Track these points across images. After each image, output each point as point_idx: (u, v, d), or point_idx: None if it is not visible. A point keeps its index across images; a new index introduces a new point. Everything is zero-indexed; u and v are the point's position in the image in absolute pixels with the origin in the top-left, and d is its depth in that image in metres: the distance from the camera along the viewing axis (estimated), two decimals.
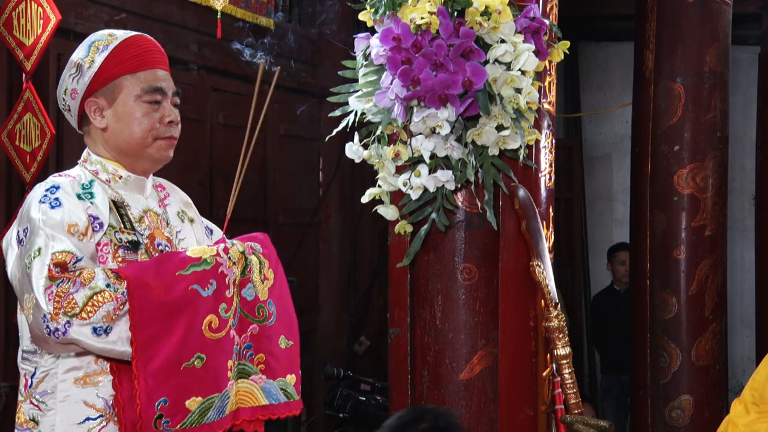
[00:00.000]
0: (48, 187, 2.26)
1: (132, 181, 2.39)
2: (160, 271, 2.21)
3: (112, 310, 2.14)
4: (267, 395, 2.37)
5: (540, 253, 2.59)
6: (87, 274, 2.14)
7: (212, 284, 2.25)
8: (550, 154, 2.77)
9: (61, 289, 2.12)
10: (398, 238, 2.68)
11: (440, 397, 2.63)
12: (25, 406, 2.30)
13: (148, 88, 2.35)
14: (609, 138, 7.95)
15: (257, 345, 2.36)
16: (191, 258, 2.25)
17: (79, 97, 2.34)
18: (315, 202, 6.14)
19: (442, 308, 2.65)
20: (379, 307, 6.19)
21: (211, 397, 2.25)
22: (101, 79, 2.33)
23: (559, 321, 2.58)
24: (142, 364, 2.17)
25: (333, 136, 2.71)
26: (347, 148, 2.63)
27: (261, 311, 2.37)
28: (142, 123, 2.35)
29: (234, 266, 2.31)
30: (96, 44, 2.34)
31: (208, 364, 2.24)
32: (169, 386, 2.20)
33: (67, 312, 2.11)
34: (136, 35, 2.40)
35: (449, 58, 2.44)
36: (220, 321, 2.26)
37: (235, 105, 5.48)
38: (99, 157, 2.38)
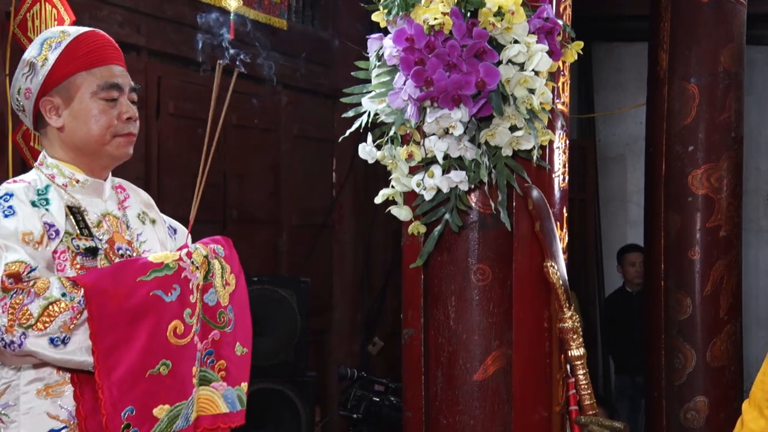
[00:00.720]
0: (1, 195, 2.21)
1: (90, 185, 2.35)
2: (120, 278, 2.17)
3: (69, 319, 2.10)
4: (228, 403, 2.33)
5: (554, 253, 2.59)
6: (41, 284, 2.10)
7: (176, 289, 2.21)
8: (564, 155, 2.77)
9: (15, 300, 2.07)
10: (411, 238, 2.68)
11: (454, 398, 2.63)
12: None
13: (104, 84, 2.31)
14: (623, 138, 7.93)
15: (218, 351, 2.32)
16: (153, 263, 2.21)
17: (33, 96, 2.30)
18: (328, 203, 6.15)
19: (455, 309, 2.65)
20: (392, 308, 6.19)
21: (178, 405, 2.21)
22: (55, 77, 2.28)
23: (573, 322, 2.57)
24: (105, 373, 2.13)
25: (346, 137, 2.71)
26: (360, 149, 2.63)
27: (222, 317, 2.33)
28: (100, 120, 2.31)
29: (197, 271, 2.27)
30: (48, 41, 2.29)
31: (175, 371, 2.20)
32: (135, 394, 2.15)
33: (22, 324, 2.07)
34: (89, 31, 2.35)
35: (462, 58, 2.44)
36: (185, 327, 2.22)
37: (248, 106, 5.49)
38: (55, 159, 2.33)
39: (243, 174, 5.46)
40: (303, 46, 5.88)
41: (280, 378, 4.58)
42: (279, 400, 4.58)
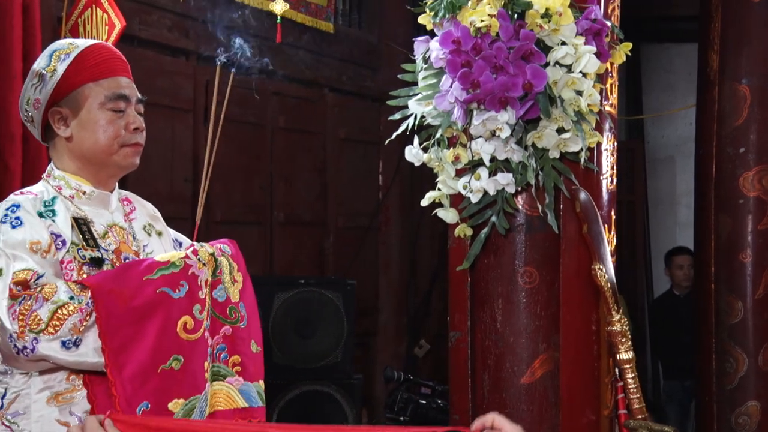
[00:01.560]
0: (8, 206, 2.25)
1: (96, 196, 2.37)
2: (126, 277, 2.19)
3: (78, 321, 2.12)
4: (246, 398, 2.33)
5: (602, 256, 2.57)
6: (48, 289, 2.13)
7: (183, 286, 2.23)
8: (612, 157, 2.75)
9: (24, 306, 2.11)
10: (458, 241, 2.67)
11: (501, 401, 2.62)
12: None
13: (112, 95, 2.34)
14: (672, 140, 7.85)
15: (231, 347, 2.33)
16: (159, 262, 2.23)
17: (42, 107, 2.33)
18: (374, 206, 6.15)
19: (502, 312, 2.64)
20: (438, 311, 6.18)
21: (192, 399, 2.23)
22: (64, 88, 2.31)
23: (621, 325, 2.55)
24: (116, 371, 2.15)
25: (393, 140, 2.71)
26: (407, 152, 2.64)
27: (233, 313, 2.34)
28: (107, 130, 2.34)
29: (204, 267, 2.29)
30: (57, 53, 2.33)
31: (186, 366, 2.21)
32: (148, 390, 2.17)
33: (32, 329, 2.10)
34: (97, 44, 2.39)
35: (509, 60, 2.43)
36: (195, 322, 2.24)
37: (295, 109, 5.52)
38: (62, 171, 2.36)
39: (290, 176, 5.49)
40: (349, 49, 5.89)
41: (326, 380, 4.59)
42: (326, 402, 4.60)
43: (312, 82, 5.66)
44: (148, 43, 4.56)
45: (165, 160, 4.59)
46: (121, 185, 4.50)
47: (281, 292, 4.53)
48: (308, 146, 5.66)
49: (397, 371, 4.51)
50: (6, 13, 3.48)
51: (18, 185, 3.50)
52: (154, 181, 4.46)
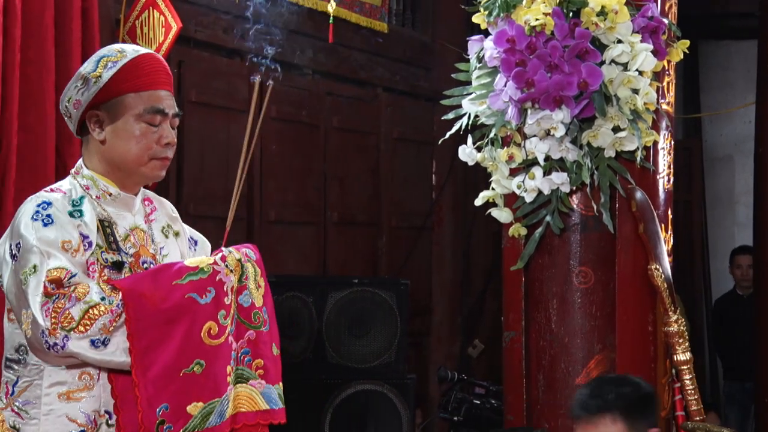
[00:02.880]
0: (39, 203, 2.29)
1: (121, 199, 2.41)
2: (157, 281, 2.25)
3: (108, 322, 2.18)
4: (267, 400, 2.37)
5: (658, 256, 2.54)
6: (82, 289, 2.19)
7: (210, 292, 2.28)
8: (669, 156, 2.72)
9: (57, 305, 2.16)
10: (512, 241, 2.66)
11: (556, 401, 2.61)
12: (6, 413, 2.35)
13: (150, 108, 2.36)
14: (731, 139, 7.73)
15: (254, 350, 2.37)
16: (188, 267, 2.28)
17: (81, 108, 2.36)
18: (428, 205, 6.15)
19: (557, 312, 2.63)
20: (492, 311, 6.15)
21: (212, 402, 2.27)
22: (106, 94, 2.34)
23: (678, 326, 2.52)
24: (141, 372, 2.21)
25: (446, 139, 2.71)
26: (461, 151, 2.63)
27: (257, 317, 2.38)
28: (140, 142, 2.37)
29: (231, 274, 2.33)
30: (105, 60, 2.35)
31: (208, 370, 2.27)
32: (169, 392, 2.23)
33: (64, 327, 2.16)
34: (146, 54, 2.41)
35: (564, 59, 2.42)
36: (219, 327, 2.28)
37: (349, 109, 5.53)
38: (92, 171, 2.39)
39: (343, 176, 5.51)
40: (403, 48, 5.90)
41: (380, 379, 4.60)
42: (379, 402, 4.60)
43: (366, 82, 5.67)
44: (203, 45, 4.60)
45: (220, 161, 4.63)
46: (178, 186, 4.56)
47: (335, 292, 4.54)
48: (362, 146, 5.67)
49: (450, 371, 4.50)
50: (65, 16, 3.54)
51: None
52: (209, 181, 4.50)
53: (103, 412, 2.35)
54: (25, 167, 3.41)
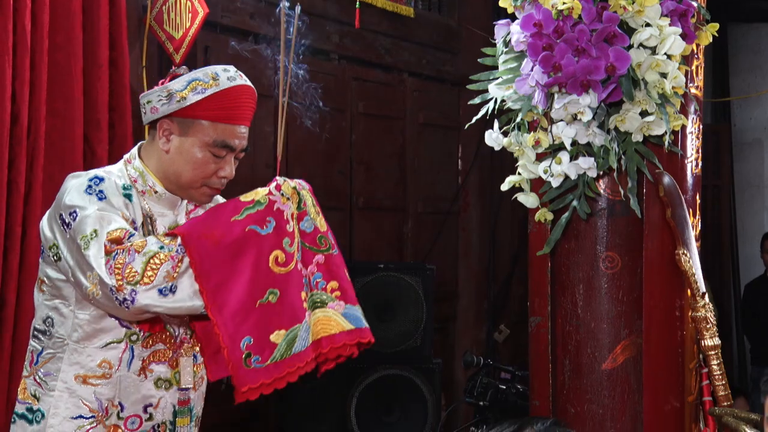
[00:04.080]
0: (91, 178, 2.32)
1: (166, 198, 2.43)
2: (214, 221, 2.24)
3: (171, 269, 2.18)
4: (352, 320, 2.33)
5: (686, 241, 2.53)
6: (139, 242, 2.19)
7: (270, 222, 2.26)
8: (697, 140, 2.70)
9: (118, 261, 2.17)
10: (538, 226, 2.66)
11: (582, 386, 2.60)
12: (29, 381, 2.40)
13: (220, 142, 2.37)
14: (760, 123, 7.67)
15: (327, 273, 2.34)
16: (244, 202, 2.27)
17: (157, 115, 2.38)
18: (454, 190, 6.14)
19: (583, 297, 2.62)
20: (518, 296, 6.15)
21: (293, 329, 2.26)
22: (184, 113, 2.36)
23: (706, 311, 2.51)
24: (217, 311, 2.20)
25: (472, 124, 2.70)
26: (487, 136, 2.63)
27: (323, 241, 2.36)
28: (198, 168, 2.39)
29: (288, 201, 2.31)
30: (196, 83, 2.35)
31: (283, 298, 2.25)
32: (249, 325, 2.22)
33: (129, 281, 2.16)
34: (238, 87, 2.40)
35: (592, 43, 2.40)
36: (287, 255, 2.27)
37: (375, 94, 5.53)
38: (144, 166, 2.41)
39: (369, 162, 5.51)
40: (429, 33, 5.88)
41: (406, 364, 4.61)
42: (405, 387, 4.62)
43: (392, 66, 5.67)
44: (230, 30, 4.62)
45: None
46: None
47: (361, 277, 4.56)
48: (388, 131, 5.67)
49: (476, 356, 4.50)
50: (93, 1, 3.56)
51: None
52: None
53: (117, 402, 2.38)
54: (53, 153, 3.44)
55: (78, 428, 2.34)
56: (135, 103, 3.82)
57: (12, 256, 3.28)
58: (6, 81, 3.22)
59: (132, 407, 2.39)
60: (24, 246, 3.34)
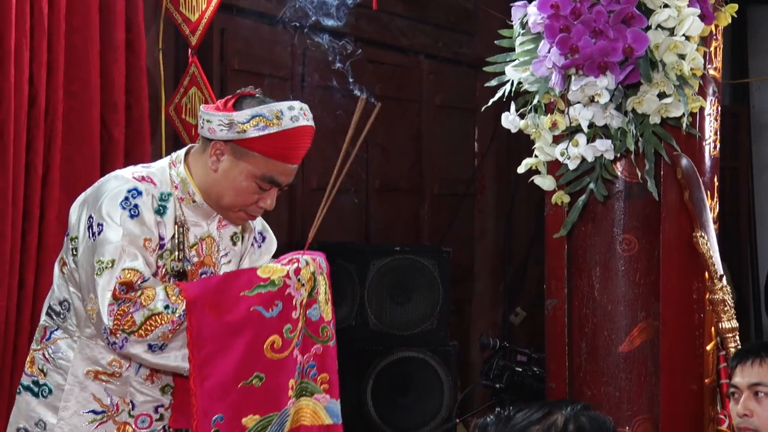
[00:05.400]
0: (130, 189, 2.31)
1: (203, 208, 2.43)
2: (225, 291, 2.27)
3: (168, 331, 2.23)
4: (331, 414, 2.40)
5: (704, 223, 2.52)
6: (148, 294, 2.23)
7: (277, 305, 2.29)
8: (716, 122, 2.68)
9: (122, 308, 2.21)
10: (555, 208, 2.65)
11: (598, 369, 2.60)
12: (37, 355, 2.42)
13: (268, 177, 2.37)
14: None
15: (321, 364, 2.39)
16: (259, 278, 2.30)
17: (213, 137, 2.36)
18: (470, 173, 6.13)
19: (600, 280, 2.62)
20: (535, 278, 6.14)
21: (269, 416, 2.30)
22: (241, 143, 2.34)
23: (724, 294, 2.51)
24: (199, 382, 2.24)
25: (489, 106, 2.70)
26: (503, 118, 2.62)
27: (325, 332, 2.40)
28: (240, 195, 2.38)
29: (302, 288, 2.34)
30: (258, 119, 2.33)
31: (268, 384, 2.28)
32: (225, 404, 2.26)
33: (125, 329, 2.21)
34: (300, 128, 2.38)
35: (609, 24, 2.39)
36: (284, 341, 2.30)
37: (391, 77, 5.52)
38: (187, 173, 2.40)
39: (385, 144, 5.50)
40: (446, 15, 5.86)
41: (422, 347, 4.62)
42: (421, 369, 4.63)
43: (408, 48, 5.65)
44: (246, 12, 4.61)
45: None
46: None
47: (377, 260, 4.56)
48: (404, 114, 5.66)
49: (492, 338, 4.50)
50: None
51: (122, 154, 3.60)
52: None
53: (129, 400, 2.39)
54: (71, 135, 3.45)
55: (89, 423, 2.37)
56: (151, 85, 3.83)
57: (30, 238, 3.30)
58: (23, 63, 3.23)
59: (143, 406, 2.41)
60: (42, 227, 3.36)
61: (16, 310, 3.27)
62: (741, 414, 2.33)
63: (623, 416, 2.59)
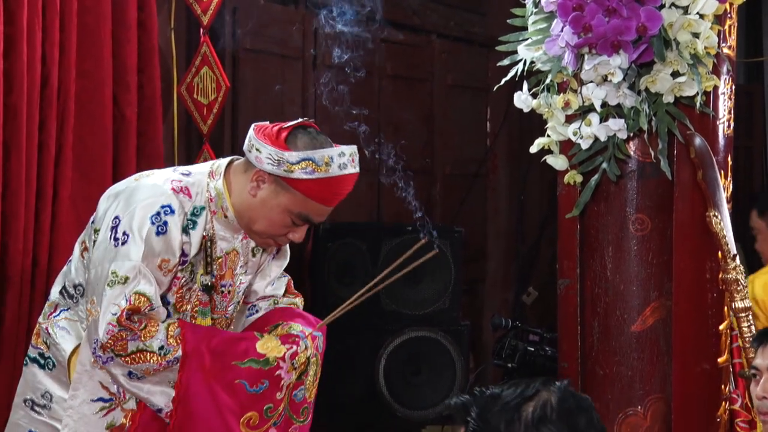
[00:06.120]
0: (164, 206, 2.32)
1: (233, 224, 2.44)
2: (219, 355, 2.32)
3: (153, 370, 2.29)
4: None
5: (717, 203, 2.51)
6: (151, 329, 2.28)
7: (263, 384, 2.33)
8: (730, 101, 2.67)
9: (121, 334, 2.26)
10: (567, 188, 2.64)
11: (611, 349, 2.60)
12: (43, 327, 2.45)
13: (304, 216, 2.39)
14: None
15: None
16: (255, 353, 2.34)
17: (259, 167, 2.36)
18: (482, 153, 6.12)
19: (612, 259, 2.61)
20: (547, 258, 6.13)
21: None
22: (284, 179, 2.35)
23: (737, 273, 2.50)
24: None
25: (501, 86, 2.69)
26: (516, 98, 2.61)
27: (305, 412, 2.44)
28: (272, 227, 2.40)
29: (294, 371, 2.38)
30: (307, 163, 2.33)
31: None
32: None
33: (115, 351, 2.26)
34: (347, 176, 2.39)
35: (623, 3, 2.37)
36: (261, 419, 2.34)
37: (403, 56, 5.50)
38: (225, 188, 2.41)
39: (397, 124, 5.49)
40: None
41: (434, 326, 4.63)
42: (433, 348, 4.64)
43: (419, 28, 5.63)
44: None
45: (275, 109, 4.65)
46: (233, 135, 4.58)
47: (389, 240, 4.56)
48: (415, 93, 5.65)
49: (504, 318, 4.51)
50: None
51: (134, 133, 3.61)
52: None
53: None
54: (83, 114, 3.46)
55: (97, 412, 2.39)
56: (163, 65, 3.83)
57: (44, 217, 3.32)
58: (36, 43, 3.23)
59: None
60: (55, 207, 3.37)
61: (30, 289, 3.29)
62: (761, 396, 2.32)
63: (635, 396, 2.59)
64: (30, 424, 2.43)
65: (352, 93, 5.16)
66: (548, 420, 1.47)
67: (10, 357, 3.23)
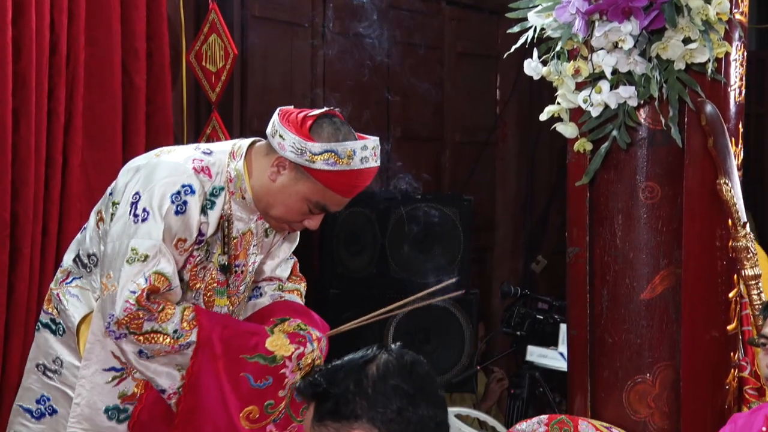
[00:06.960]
0: (184, 185, 2.33)
1: (250, 205, 2.45)
2: (229, 346, 2.35)
3: (164, 352, 2.31)
4: None
5: (728, 170, 2.50)
6: (168, 312, 2.30)
7: (267, 380, 2.36)
8: (741, 68, 2.65)
9: (138, 314, 2.27)
10: (577, 156, 2.64)
11: (620, 316, 2.61)
12: (55, 294, 2.47)
13: (321, 204, 2.40)
14: None
15: None
16: (264, 349, 2.37)
17: (281, 154, 2.36)
18: (492, 120, 6.10)
19: (622, 227, 2.61)
20: (556, 226, 6.13)
21: None
22: (306, 168, 2.35)
23: (747, 241, 2.50)
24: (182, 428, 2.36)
25: (511, 53, 2.67)
26: (526, 65, 2.59)
27: (304, 413, 2.43)
28: (289, 213, 2.42)
29: (299, 371, 2.40)
30: (330, 154, 2.33)
31: None
32: None
33: (129, 328, 2.28)
34: (368, 170, 2.38)
35: None
36: (261, 414, 2.36)
37: (411, 23, 5.47)
38: (245, 170, 2.41)
39: (406, 91, 5.47)
40: None
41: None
42: (442, 317, 4.65)
43: None
44: None
45: (284, 77, 4.64)
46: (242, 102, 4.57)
47: (398, 208, 4.57)
48: (425, 61, 5.62)
49: (514, 286, 4.51)
50: None
51: (143, 101, 3.60)
52: (272, 96, 4.51)
53: None
54: (92, 82, 3.46)
55: (109, 381, 2.41)
56: (172, 32, 3.81)
57: (53, 185, 3.32)
58: (44, 10, 3.22)
59: None
60: (65, 175, 3.38)
61: (40, 257, 3.30)
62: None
63: (644, 363, 2.60)
64: (42, 388, 2.46)
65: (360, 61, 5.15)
66: (391, 373, 1.71)
67: (22, 324, 3.25)
